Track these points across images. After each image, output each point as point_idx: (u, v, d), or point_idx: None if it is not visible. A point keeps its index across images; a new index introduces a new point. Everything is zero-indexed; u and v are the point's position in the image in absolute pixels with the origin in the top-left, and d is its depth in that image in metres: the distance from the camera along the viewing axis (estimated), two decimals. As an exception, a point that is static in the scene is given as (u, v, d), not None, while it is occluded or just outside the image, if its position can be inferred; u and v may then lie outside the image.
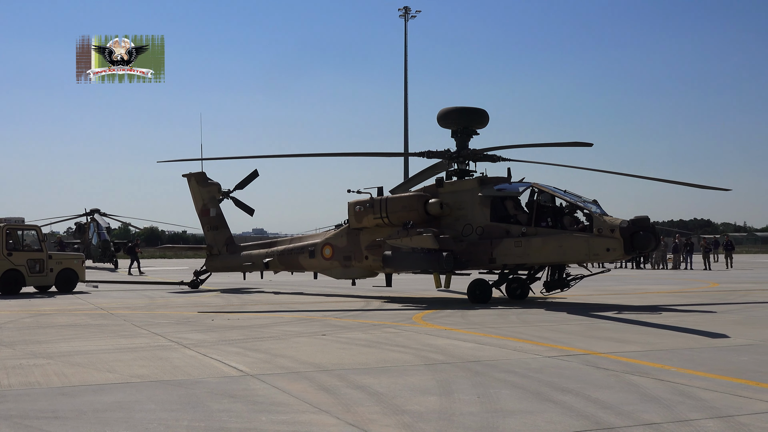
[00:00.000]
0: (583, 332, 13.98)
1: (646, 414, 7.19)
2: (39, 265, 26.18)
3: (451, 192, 21.64)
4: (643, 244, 18.67)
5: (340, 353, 11.36)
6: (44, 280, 26.35)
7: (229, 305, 20.57)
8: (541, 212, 20.06)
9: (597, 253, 19.05)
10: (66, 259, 27.69)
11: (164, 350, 11.77)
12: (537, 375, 9.34)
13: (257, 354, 11.32)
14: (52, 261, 26.52)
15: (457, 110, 22.57)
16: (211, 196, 28.79)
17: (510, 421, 6.98)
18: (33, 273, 26.06)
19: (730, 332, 13.63)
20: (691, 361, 10.44)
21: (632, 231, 18.58)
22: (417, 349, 11.68)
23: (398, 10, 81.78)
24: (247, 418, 7.15)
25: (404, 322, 15.92)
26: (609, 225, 18.81)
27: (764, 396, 7.97)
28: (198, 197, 29.11)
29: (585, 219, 19.66)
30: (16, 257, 25.87)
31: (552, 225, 19.86)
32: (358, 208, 22.45)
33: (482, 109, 22.92)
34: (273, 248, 25.94)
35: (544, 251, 19.57)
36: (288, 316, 17.35)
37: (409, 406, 7.63)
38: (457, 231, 21.00)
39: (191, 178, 29.26)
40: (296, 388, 8.57)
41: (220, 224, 28.54)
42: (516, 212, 20.63)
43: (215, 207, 28.69)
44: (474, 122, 22.68)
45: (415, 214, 21.31)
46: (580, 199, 19.89)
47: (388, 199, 21.98)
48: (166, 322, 16.16)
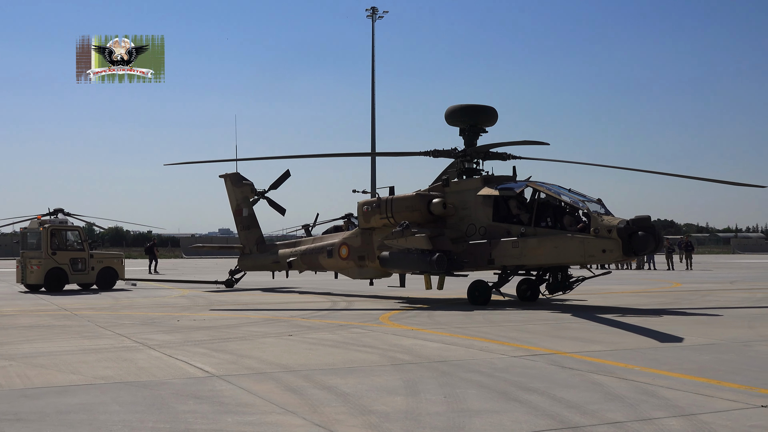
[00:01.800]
0: (548, 332, 14.09)
1: (611, 413, 7.27)
2: (81, 263, 27.50)
3: (456, 192, 21.35)
4: (641, 246, 17.92)
5: (306, 354, 11.34)
6: (86, 277, 27.66)
7: (194, 305, 20.42)
8: (540, 212, 19.60)
9: (593, 254, 18.39)
10: (107, 258, 28.84)
11: (129, 351, 11.66)
12: (503, 375, 9.39)
13: (223, 355, 11.26)
14: (93, 260, 27.83)
15: (465, 108, 22.22)
16: (244, 196, 28.98)
17: (476, 421, 7.01)
18: (75, 271, 27.33)
19: (693, 332, 13.81)
20: (655, 360, 10.57)
21: (630, 231, 17.88)
22: (384, 350, 11.70)
23: (366, 11, 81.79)
24: (213, 420, 7.11)
25: (371, 322, 15.93)
26: (606, 225, 18.17)
27: (725, 394, 8.09)
28: (232, 197, 29.35)
29: (585, 219, 19.02)
30: (59, 256, 27.17)
31: (551, 225, 19.35)
32: (366, 208, 22.37)
33: (491, 106, 22.50)
34: (297, 248, 25.92)
35: (540, 252, 19.12)
36: (255, 317, 17.28)
37: (376, 406, 7.63)
38: (461, 231, 20.73)
39: (227, 178, 29.45)
40: (262, 389, 8.54)
41: (251, 224, 28.68)
42: (517, 212, 20.17)
43: (248, 207, 28.87)
44: (482, 120, 22.29)
45: (419, 214, 21.10)
46: (584, 199, 19.33)
47: (393, 200, 21.80)
48: (130, 322, 16.01)
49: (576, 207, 19.07)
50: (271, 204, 29.09)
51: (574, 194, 19.55)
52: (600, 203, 19.25)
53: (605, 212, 18.86)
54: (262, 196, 29.06)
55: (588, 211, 18.69)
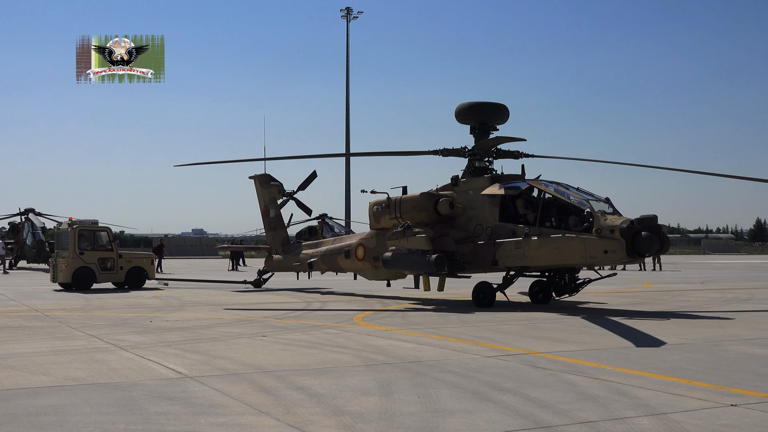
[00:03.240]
0: (521, 332, 14.16)
1: (583, 412, 7.32)
2: (110, 263, 28.06)
3: (464, 191, 20.94)
4: (645, 247, 17.12)
5: (280, 354, 11.31)
6: (114, 277, 28.24)
7: (167, 306, 20.30)
8: (545, 212, 19.00)
9: (594, 255, 17.63)
10: (136, 257, 29.36)
11: (101, 352, 11.57)
12: (476, 375, 9.43)
13: (196, 356, 11.20)
14: (122, 260, 28.37)
15: (475, 105, 21.79)
16: (271, 197, 28.96)
17: (450, 421, 7.03)
18: (104, 270, 27.94)
19: (664, 332, 13.94)
20: (626, 360, 10.65)
21: (634, 232, 17.12)
22: (358, 350, 11.69)
23: (340, 11, 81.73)
24: (186, 421, 7.07)
25: (345, 322, 15.91)
26: (609, 225, 17.41)
27: (696, 394, 8.17)
28: (260, 198, 29.35)
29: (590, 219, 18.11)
30: (87, 256, 27.71)
31: (555, 225, 18.75)
32: (376, 208, 22.07)
33: (501, 104, 22.04)
34: (318, 249, 25.67)
35: (542, 253, 18.46)
36: (228, 317, 17.20)
37: (350, 406, 7.63)
38: (469, 231, 20.34)
39: (256, 179, 29.42)
40: (236, 390, 8.51)
41: (278, 225, 28.64)
42: (522, 212, 19.55)
43: (275, 208, 28.90)
44: (493, 118, 21.87)
45: (426, 214, 20.75)
46: (590, 198, 18.53)
47: (401, 200, 21.47)
48: (102, 323, 15.88)
49: (580, 207, 18.34)
50: (299, 204, 29.28)
51: (583, 193, 18.90)
52: (608, 202, 18.58)
53: (613, 212, 18.21)
54: (290, 197, 29.19)
55: (591, 210, 17.97)
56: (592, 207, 17.99)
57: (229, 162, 29.12)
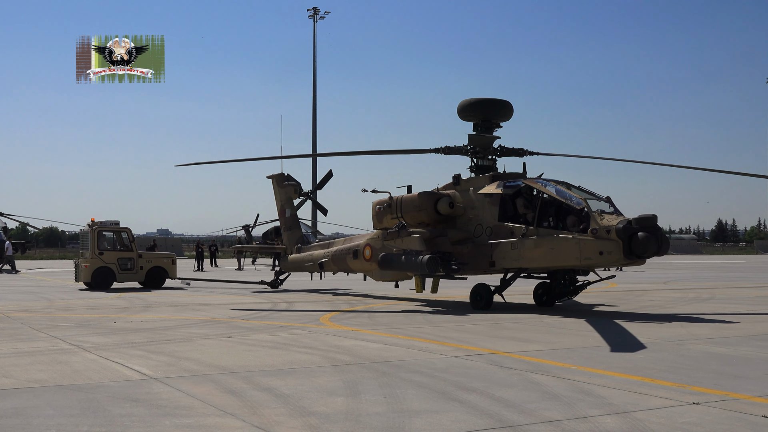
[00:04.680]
0: (487, 332, 14.23)
1: (548, 411, 7.37)
2: (130, 263, 28.63)
3: (465, 190, 20.37)
4: (641, 248, 16.43)
5: (246, 355, 11.26)
6: (134, 277, 28.88)
7: (131, 307, 20.11)
8: (543, 212, 18.29)
9: (589, 256, 16.98)
10: (156, 258, 30.16)
11: (64, 354, 11.43)
12: (443, 375, 9.46)
13: (161, 357, 11.11)
14: (142, 260, 29.01)
15: (478, 102, 21.31)
16: (287, 197, 28.61)
17: (416, 421, 7.05)
18: (123, 270, 28.53)
19: (628, 331, 14.09)
20: (591, 359, 10.75)
21: (631, 232, 16.47)
22: (324, 351, 11.67)
23: (307, 11, 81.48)
24: (150, 423, 7.01)
25: (311, 323, 15.88)
26: (605, 225, 16.75)
27: (659, 392, 8.27)
28: (277, 198, 29.05)
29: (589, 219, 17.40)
30: (106, 256, 28.41)
31: (553, 225, 18.07)
32: (378, 208, 21.64)
33: (505, 100, 21.53)
34: (329, 249, 24.99)
35: (537, 254, 17.89)
36: (193, 318, 17.08)
37: (316, 407, 7.62)
38: (470, 231, 19.81)
39: (273, 179, 29.08)
40: (201, 391, 8.45)
41: (293, 225, 28.21)
42: (521, 212, 18.93)
43: (290, 208, 28.55)
44: (496, 114, 21.34)
45: (426, 214, 20.28)
46: (588, 197, 17.92)
47: (403, 199, 20.98)
48: (65, 325, 15.70)
49: (577, 206, 17.63)
50: (315, 204, 29.00)
51: (583, 192, 18.32)
52: (609, 201, 17.97)
53: (613, 211, 17.54)
54: (308, 196, 28.84)
55: (588, 209, 17.30)
56: (589, 206, 17.38)
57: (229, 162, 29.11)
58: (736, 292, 25.33)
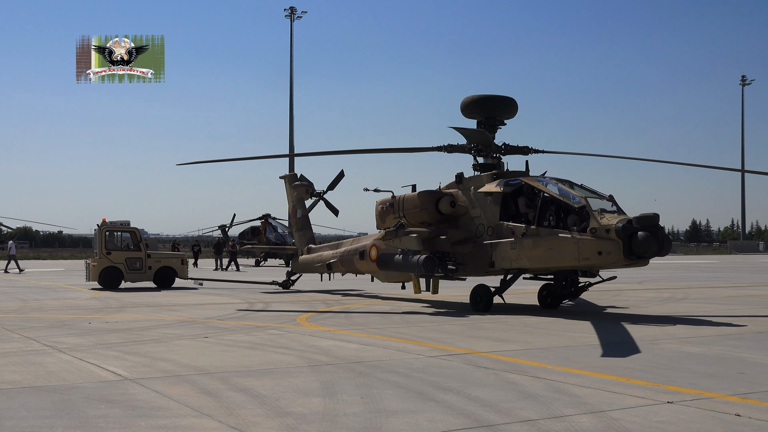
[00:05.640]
0: (464, 332, 14.27)
1: (524, 411, 7.40)
2: (138, 263, 28.65)
3: (467, 189, 19.88)
4: (641, 248, 15.89)
5: (222, 356, 11.21)
6: (143, 276, 28.85)
7: (107, 307, 19.96)
8: (543, 211, 17.74)
9: (587, 257, 16.48)
10: (165, 258, 30.06)
11: (38, 355, 11.32)
12: (419, 375, 9.47)
13: (136, 357, 11.04)
14: (150, 260, 28.98)
15: (482, 99, 20.69)
16: (298, 197, 28.14)
17: (393, 421, 7.05)
18: (131, 270, 28.56)
19: (603, 331, 14.19)
20: (566, 359, 10.81)
21: (631, 232, 15.96)
22: (301, 351, 11.65)
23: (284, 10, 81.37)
24: (126, 424, 6.97)
25: (288, 323, 15.84)
26: (605, 225, 16.24)
27: (634, 391, 8.33)
28: (288, 198, 28.71)
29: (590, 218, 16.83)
30: (114, 256, 28.47)
31: (553, 225, 17.54)
32: (381, 207, 21.33)
33: (509, 97, 20.96)
34: (337, 250, 24.46)
35: (535, 254, 17.42)
36: (169, 319, 16.99)
37: (293, 407, 7.60)
38: (472, 231, 19.33)
39: (285, 179, 28.75)
40: (177, 392, 8.41)
41: (304, 225, 27.76)
42: (522, 211, 18.43)
43: (302, 208, 28.11)
44: (500, 111, 20.74)
45: (427, 213, 19.91)
46: (589, 195, 17.40)
47: (404, 198, 20.60)
48: (40, 325, 15.56)
49: (577, 205, 17.09)
50: (327, 205, 28.74)
51: (585, 190, 17.82)
52: (611, 200, 17.46)
53: (616, 210, 17.05)
54: (320, 197, 28.43)
55: (588, 208, 16.75)
56: (589, 205, 16.84)
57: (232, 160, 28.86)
58: (711, 292, 25.57)
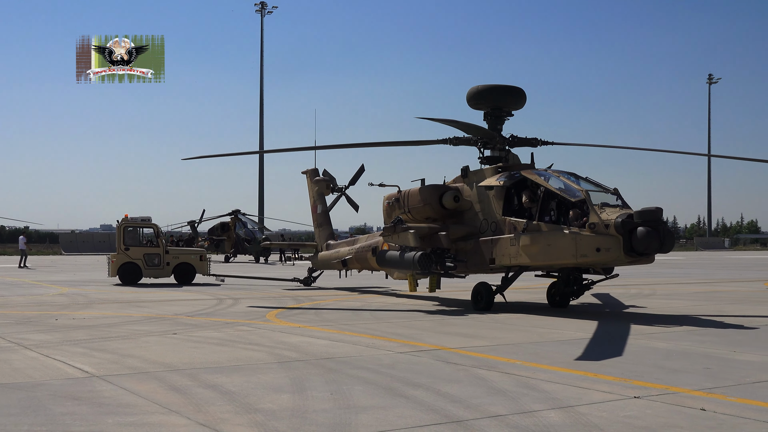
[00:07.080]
0: (434, 328, 14.30)
1: (493, 406, 7.44)
2: (157, 259, 28.66)
3: (472, 183, 19.13)
4: (641, 244, 15.17)
5: (191, 352, 11.15)
6: (161, 272, 28.84)
7: (74, 304, 19.76)
8: (544, 205, 17.09)
9: (585, 253, 15.79)
10: (183, 254, 30.06)
11: (3, 352, 11.19)
12: (389, 371, 9.48)
13: (104, 354, 10.95)
14: (169, 255, 28.98)
15: (489, 89, 19.77)
16: (319, 192, 27.70)
17: (363, 417, 7.06)
18: (150, 266, 28.57)
19: (572, 326, 14.31)
20: (535, 354, 10.88)
21: (631, 227, 15.27)
22: (270, 347, 11.62)
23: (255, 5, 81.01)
24: (93, 421, 6.90)
25: (258, 320, 15.79)
26: (605, 219, 15.52)
27: (601, 387, 8.41)
28: (310, 193, 28.33)
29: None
30: (133, 252, 28.52)
31: (554, 220, 16.85)
32: (387, 203, 20.72)
33: (518, 87, 20.10)
34: (352, 246, 24.02)
35: (533, 251, 16.78)
36: (137, 315, 16.85)
37: (262, 404, 7.58)
38: (476, 227, 18.66)
39: (307, 174, 28.40)
40: (145, 389, 8.35)
41: (324, 221, 27.42)
42: (524, 205, 17.69)
43: (322, 204, 27.73)
44: (508, 102, 19.88)
45: (430, 208, 19.25)
46: (593, 189, 16.72)
47: (409, 193, 19.96)
48: (5, 322, 15.36)
49: (578, 198, 16.38)
50: (348, 200, 28.46)
51: (590, 183, 17.15)
52: (616, 193, 16.70)
53: (620, 204, 16.30)
54: (342, 192, 28.01)
55: (589, 202, 16.06)
56: (589, 198, 16.14)
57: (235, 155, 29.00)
58: (677, 288, 25.86)
